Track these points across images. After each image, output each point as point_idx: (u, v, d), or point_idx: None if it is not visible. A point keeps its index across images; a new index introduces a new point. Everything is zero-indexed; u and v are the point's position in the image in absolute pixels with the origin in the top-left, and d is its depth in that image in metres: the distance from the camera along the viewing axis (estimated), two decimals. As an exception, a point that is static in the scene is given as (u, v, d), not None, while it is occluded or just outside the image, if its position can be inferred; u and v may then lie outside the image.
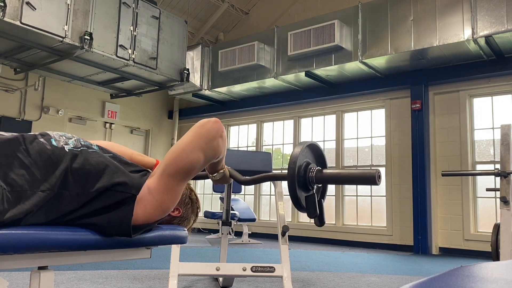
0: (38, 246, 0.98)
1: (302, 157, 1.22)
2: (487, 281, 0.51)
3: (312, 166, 1.24)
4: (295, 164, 1.19)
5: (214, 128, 1.19)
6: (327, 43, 6.11)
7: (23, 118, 6.83)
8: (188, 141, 1.18)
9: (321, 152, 1.32)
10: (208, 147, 1.18)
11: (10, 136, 1.10)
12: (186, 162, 1.16)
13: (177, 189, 1.18)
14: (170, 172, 1.16)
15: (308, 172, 1.23)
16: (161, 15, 6.49)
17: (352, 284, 3.19)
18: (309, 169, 1.23)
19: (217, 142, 1.20)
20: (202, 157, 1.18)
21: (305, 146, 1.24)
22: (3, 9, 4.68)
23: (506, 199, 2.60)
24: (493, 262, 0.65)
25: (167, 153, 1.20)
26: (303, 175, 1.22)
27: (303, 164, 1.23)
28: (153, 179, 1.17)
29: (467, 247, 5.69)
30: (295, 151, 1.21)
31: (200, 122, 1.21)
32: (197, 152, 1.17)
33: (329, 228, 6.96)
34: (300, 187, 1.22)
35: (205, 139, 1.18)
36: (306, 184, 1.22)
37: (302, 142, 1.25)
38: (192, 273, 2.38)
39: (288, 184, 1.19)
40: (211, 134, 1.18)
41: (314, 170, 1.23)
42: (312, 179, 1.22)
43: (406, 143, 6.29)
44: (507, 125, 2.68)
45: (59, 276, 3.00)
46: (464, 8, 5.26)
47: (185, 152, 1.17)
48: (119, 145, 1.50)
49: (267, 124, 8.29)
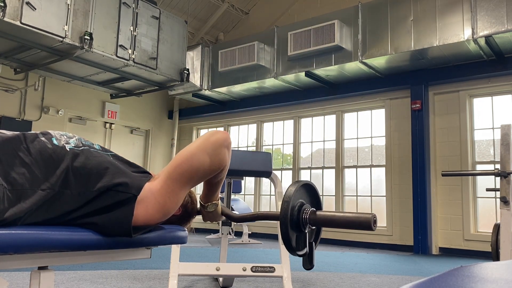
0: (38, 246, 0.98)
1: (296, 197, 1.19)
2: (487, 281, 0.51)
3: (306, 207, 1.21)
4: (289, 204, 1.16)
5: (223, 137, 1.22)
6: (327, 43, 6.11)
7: (23, 118, 6.83)
8: (196, 146, 1.20)
9: (316, 192, 1.29)
10: (214, 153, 1.19)
11: (11, 134, 1.10)
12: (191, 165, 1.17)
13: (179, 193, 1.19)
14: (174, 175, 1.17)
15: (302, 213, 1.19)
16: (161, 15, 6.49)
17: (352, 284, 3.19)
18: (303, 210, 1.20)
19: (224, 151, 1.22)
20: (208, 161, 1.19)
21: (300, 186, 1.21)
22: (3, 9, 4.68)
23: (506, 199, 2.60)
24: (493, 262, 0.65)
25: (174, 157, 1.21)
26: (297, 216, 1.19)
27: (297, 204, 1.20)
28: (157, 181, 1.17)
29: (467, 247, 5.69)
30: (289, 191, 1.18)
31: (210, 132, 1.24)
32: (203, 155, 1.18)
33: (329, 228, 6.95)
34: (293, 228, 1.19)
35: (212, 145, 1.20)
36: (299, 225, 1.19)
37: (297, 181, 1.22)
38: (192, 273, 2.38)
39: (280, 225, 1.16)
40: (218, 142, 1.21)
41: (308, 212, 1.20)
42: (305, 220, 1.19)
43: (406, 143, 6.29)
44: (507, 125, 2.68)
45: (59, 276, 3.00)
46: (464, 8, 5.26)
47: (191, 154, 1.18)
48: None
49: (267, 124, 8.29)
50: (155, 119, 8.92)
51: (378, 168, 6.75)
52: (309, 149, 7.68)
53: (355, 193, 6.92)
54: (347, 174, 7.07)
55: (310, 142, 7.66)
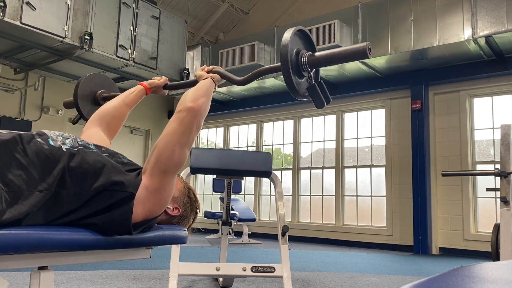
0: (38, 246, 0.98)
1: (292, 45, 1.24)
2: (487, 281, 0.51)
3: (303, 52, 1.27)
4: (287, 50, 1.21)
5: (190, 122, 1.24)
6: (327, 43, 6.11)
7: (23, 118, 6.83)
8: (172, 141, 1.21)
9: (309, 37, 1.33)
10: (189, 139, 1.24)
11: (7, 135, 1.10)
12: (174, 159, 1.20)
13: (171, 182, 1.22)
14: (161, 169, 1.19)
15: (300, 58, 1.25)
16: (161, 15, 6.50)
17: (352, 284, 3.19)
18: (300, 55, 1.26)
19: (196, 128, 1.25)
20: (187, 149, 1.24)
21: (293, 34, 1.25)
22: (3, 9, 4.68)
23: (506, 199, 2.60)
24: (493, 262, 0.65)
25: (155, 150, 1.21)
26: (296, 62, 1.24)
27: (294, 51, 1.25)
28: (146, 177, 1.18)
29: (467, 247, 5.69)
30: (285, 38, 1.22)
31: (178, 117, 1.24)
32: (182, 149, 1.22)
33: (329, 228, 6.96)
34: (294, 73, 1.24)
35: (185, 135, 1.23)
36: (300, 69, 1.25)
37: (289, 29, 1.26)
38: (192, 273, 2.38)
39: (283, 72, 1.21)
40: (188, 127, 1.23)
41: (306, 55, 1.26)
42: (305, 64, 1.25)
43: (406, 143, 6.29)
44: (507, 125, 2.68)
45: (59, 276, 3.00)
46: (464, 8, 5.26)
47: (170, 153, 1.20)
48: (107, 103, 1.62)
49: (267, 124, 8.29)
50: (155, 119, 8.92)
51: (378, 168, 6.75)
52: (309, 149, 7.68)
53: (355, 193, 6.92)
54: (347, 174, 7.07)
55: (310, 142, 7.66)
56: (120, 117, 1.59)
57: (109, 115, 1.56)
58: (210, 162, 2.57)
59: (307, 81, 1.30)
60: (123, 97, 1.64)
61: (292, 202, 7.52)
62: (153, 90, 1.70)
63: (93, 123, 1.52)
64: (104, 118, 1.54)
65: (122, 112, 1.60)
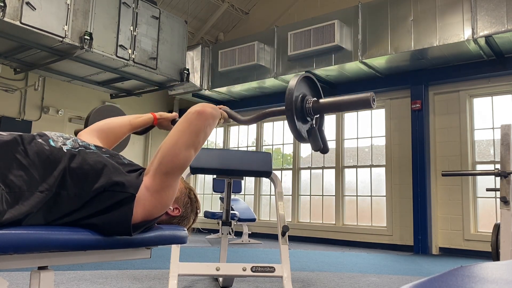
0: (38, 246, 0.98)
1: (297, 90, 1.26)
2: (487, 281, 0.51)
3: (308, 97, 1.29)
4: (292, 97, 1.22)
5: (202, 124, 1.24)
6: (327, 43, 6.11)
7: (23, 118, 6.83)
8: (180, 142, 1.21)
9: (316, 83, 1.35)
10: (197, 141, 1.23)
11: (8, 136, 1.10)
12: (177, 162, 1.20)
13: (173, 185, 1.21)
14: (165, 170, 1.18)
15: (305, 103, 1.27)
16: (161, 15, 6.49)
17: (352, 284, 3.19)
18: (306, 100, 1.27)
19: (205, 133, 1.25)
20: (193, 152, 1.23)
21: (300, 79, 1.27)
22: (3, 9, 4.68)
23: (506, 199, 2.60)
24: (493, 262, 0.65)
25: (160, 151, 1.21)
26: (301, 107, 1.26)
27: (300, 96, 1.26)
28: (149, 178, 1.18)
29: (467, 247, 5.69)
30: (291, 84, 1.24)
31: (187, 119, 1.25)
32: (188, 150, 1.21)
33: (329, 228, 6.96)
34: (299, 119, 1.25)
35: (194, 136, 1.22)
36: (304, 115, 1.27)
37: (297, 75, 1.27)
38: (192, 273, 2.38)
39: (287, 117, 1.23)
40: (196, 130, 1.23)
41: (311, 101, 1.27)
42: (309, 109, 1.26)
43: (406, 143, 6.29)
44: (507, 125, 2.68)
45: (59, 276, 3.00)
46: (464, 8, 5.26)
47: (175, 153, 1.19)
48: (113, 118, 1.59)
49: (267, 124, 8.28)
50: (155, 119, 8.91)
51: (378, 168, 6.75)
52: (309, 149, 7.68)
53: (355, 193, 6.92)
54: (347, 174, 7.07)
55: (310, 142, 7.65)
56: (120, 136, 1.57)
57: (111, 130, 1.54)
58: (210, 162, 2.57)
59: (311, 126, 1.31)
60: (130, 118, 1.62)
61: (292, 202, 7.52)
62: (161, 121, 1.67)
63: (92, 132, 1.51)
64: (105, 132, 1.53)
65: (123, 132, 1.58)
